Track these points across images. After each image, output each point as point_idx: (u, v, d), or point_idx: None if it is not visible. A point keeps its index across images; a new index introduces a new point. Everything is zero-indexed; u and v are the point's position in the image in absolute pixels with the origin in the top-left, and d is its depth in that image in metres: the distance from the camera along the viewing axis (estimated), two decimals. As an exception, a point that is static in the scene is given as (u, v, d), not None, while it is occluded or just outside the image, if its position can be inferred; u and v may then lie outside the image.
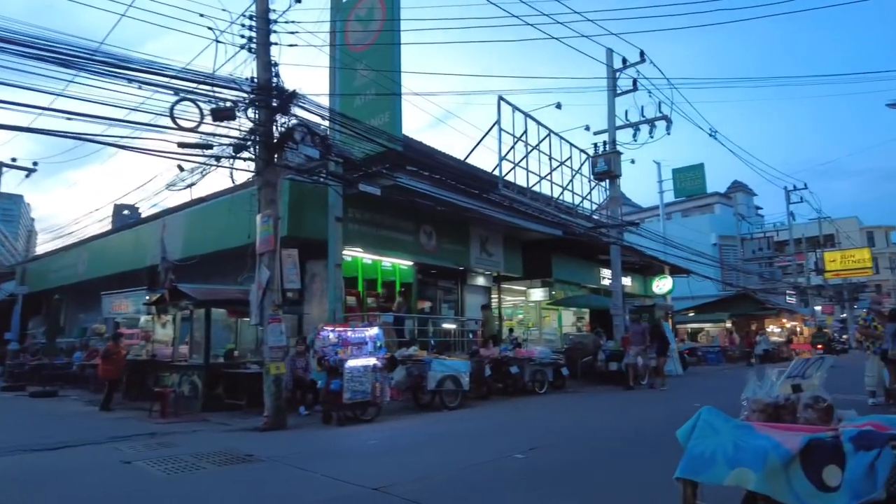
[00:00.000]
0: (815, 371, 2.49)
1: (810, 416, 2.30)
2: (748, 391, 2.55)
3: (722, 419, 2.32)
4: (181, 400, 11.02)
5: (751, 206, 53.32)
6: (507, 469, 5.42)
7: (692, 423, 2.38)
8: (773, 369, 2.62)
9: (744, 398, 2.53)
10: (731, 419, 2.32)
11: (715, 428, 2.29)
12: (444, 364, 10.84)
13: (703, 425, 2.31)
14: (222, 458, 6.35)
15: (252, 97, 9.14)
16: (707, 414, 2.35)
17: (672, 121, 18.14)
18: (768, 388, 2.51)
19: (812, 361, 2.52)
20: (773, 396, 2.47)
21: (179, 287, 11.07)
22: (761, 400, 2.48)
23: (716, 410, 2.38)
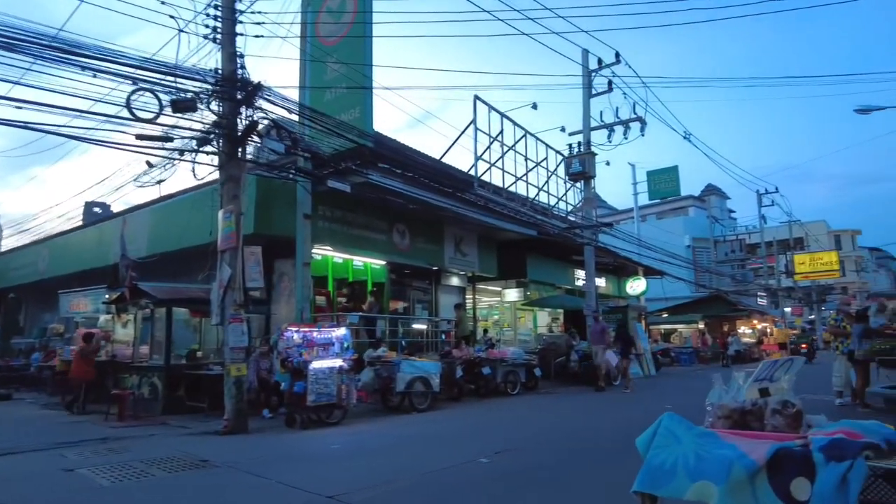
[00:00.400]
0: (784, 374, 2.31)
1: (778, 422, 2.14)
2: (713, 396, 2.37)
3: (684, 426, 2.13)
4: (141, 402, 10.61)
5: (724, 209, 54.20)
6: (471, 474, 5.22)
7: (652, 430, 2.18)
8: (739, 371, 2.44)
9: (708, 403, 2.35)
10: (693, 426, 2.14)
11: (676, 436, 2.10)
12: (414, 365, 10.61)
13: (664, 433, 2.12)
14: (174, 465, 6.04)
15: (215, 88, 8.80)
16: (668, 421, 2.16)
17: (646, 122, 18.18)
18: (734, 393, 2.33)
19: (780, 363, 2.34)
20: (739, 401, 2.30)
21: (140, 285, 10.64)
22: (727, 405, 2.31)
23: (677, 417, 2.20)
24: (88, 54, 7.46)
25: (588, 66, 18.45)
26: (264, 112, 9.32)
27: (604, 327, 15.27)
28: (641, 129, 18.15)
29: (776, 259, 39.45)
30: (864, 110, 22.41)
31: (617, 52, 17.96)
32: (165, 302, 10.54)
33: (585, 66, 18.44)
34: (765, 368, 2.33)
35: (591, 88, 18.44)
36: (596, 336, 15.07)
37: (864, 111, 22.41)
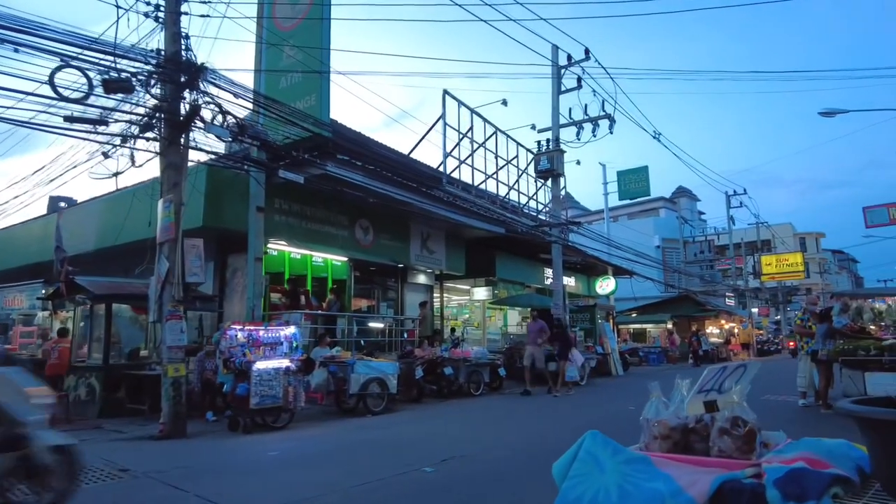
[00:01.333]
0: (735, 383, 1.91)
1: (726, 444, 1.74)
2: (649, 409, 1.95)
3: (610, 450, 1.71)
4: (78, 405, 9.95)
5: (694, 211, 54.79)
6: (408, 486, 4.79)
7: (571, 454, 1.73)
8: (683, 380, 2.03)
9: (644, 418, 1.95)
10: (622, 450, 1.73)
11: (599, 463, 1.67)
12: (369, 366, 10.14)
13: (585, 458, 1.69)
14: (91, 475, 5.48)
15: (154, 70, 8.20)
16: (591, 443, 1.73)
17: (615, 120, 17.97)
18: (676, 406, 1.93)
19: (731, 370, 1.93)
20: (681, 417, 1.90)
21: (76, 280, 9.95)
22: (665, 422, 1.86)
23: (602, 437, 1.77)
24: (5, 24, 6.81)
25: (557, 62, 18.18)
26: (210, 96, 8.74)
27: (541, 326, 14.07)
28: (610, 127, 17.94)
29: (744, 260, 39.93)
30: (828, 113, 22.62)
31: (586, 49, 17.72)
32: (104, 298, 9.89)
33: (555, 62, 18.16)
34: (711, 376, 1.92)
35: (560, 85, 18.18)
36: (531, 335, 14.11)
37: (828, 114, 22.62)
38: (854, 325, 9.41)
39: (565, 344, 13.90)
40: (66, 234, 15.01)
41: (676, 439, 1.82)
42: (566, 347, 13.83)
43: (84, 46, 7.61)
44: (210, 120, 8.76)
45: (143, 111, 8.71)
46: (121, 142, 9.01)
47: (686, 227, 38.85)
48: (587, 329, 20.97)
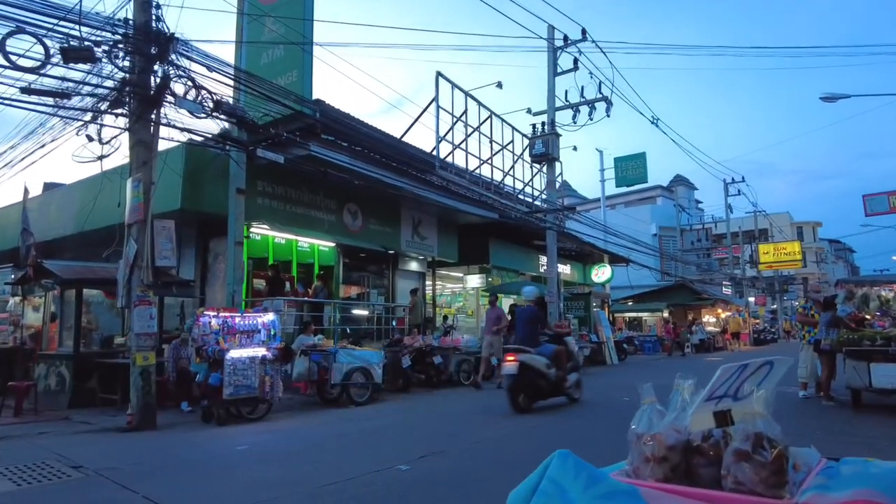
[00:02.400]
0: (757, 385, 1.40)
1: (746, 474, 1.24)
2: (640, 420, 1.48)
3: (583, 479, 1.21)
4: (48, 395, 9.53)
5: (692, 200, 54.33)
6: (380, 486, 4.37)
7: (533, 481, 1.27)
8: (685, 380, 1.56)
9: (632, 432, 1.46)
10: (599, 478, 1.23)
11: (567, 498, 1.19)
12: (352, 355, 9.73)
13: (549, 490, 1.21)
14: (37, 473, 5.06)
15: (119, 39, 7.68)
16: (559, 468, 1.24)
17: (612, 103, 17.46)
18: (676, 415, 1.47)
19: (752, 369, 1.41)
20: (682, 430, 1.41)
21: (44, 264, 9.48)
22: (661, 438, 1.38)
23: (574, 461, 1.26)
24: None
25: (553, 42, 17.63)
26: (182, 70, 8.23)
27: (499, 313, 12.66)
28: (607, 110, 17.43)
29: (741, 249, 39.56)
30: (830, 98, 22.14)
31: (583, 29, 17.17)
32: (72, 283, 9.42)
33: (551, 42, 17.61)
34: (727, 377, 1.40)
35: (556, 66, 17.64)
36: (489, 322, 12.53)
37: (830, 99, 22.14)
38: (857, 315, 9.03)
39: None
40: (48, 219, 14.59)
41: (675, 462, 1.34)
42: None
43: (41, 12, 7.08)
44: (183, 94, 8.25)
45: (111, 85, 8.22)
46: (90, 117, 8.54)
47: (683, 216, 38.42)
48: (581, 317, 20.62)
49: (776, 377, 1.45)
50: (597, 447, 5.37)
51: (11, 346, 10.95)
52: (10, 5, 6.84)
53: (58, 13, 7.48)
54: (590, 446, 5.60)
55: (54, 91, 7.49)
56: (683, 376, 1.53)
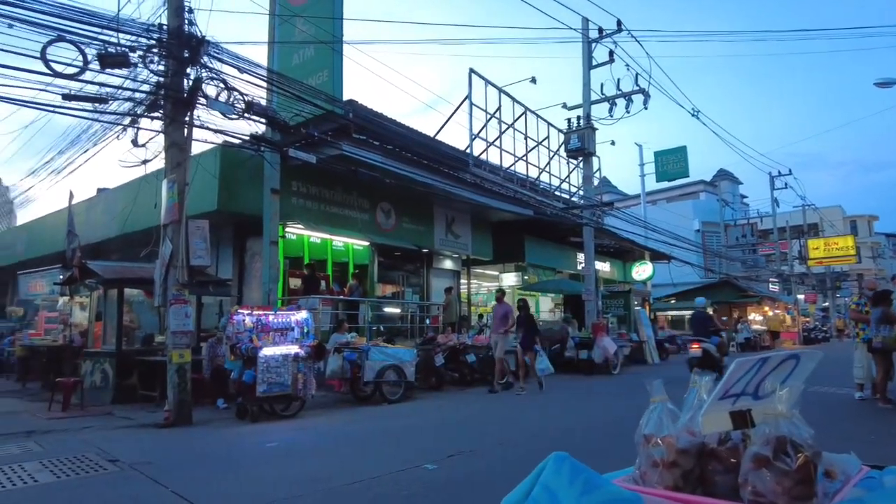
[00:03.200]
0: (780, 383, 1.23)
1: (767, 483, 1.09)
2: (648, 421, 1.34)
3: (579, 484, 1.07)
4: (94, 391, 9.85)
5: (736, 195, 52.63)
6: (403, 485, 4.31)
7: (526, 486, 1.16)
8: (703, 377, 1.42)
9: (640, 434, 1.32)
10: (598, 483, 1.09)
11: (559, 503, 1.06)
12: (385, 352, 9.71)
13: (541, 497, 1.10)
14: (77, 466, 5.21)
15: (153, 44, 7.85)
16: (553, 472, 1.11)
17: (650, 95, 17.00)
18: (690, 416, 1.33)
19: (774, 363, 1.25)
20: (694, 433, 1.27)
21: (88, 264, 9.80)
22: (672, 441, 1.24)
23: (571, 465, 1.11)
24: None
25: (588, 35, 17.29)
26: (214, 72, 8.36)
27: (506, 311, 11.69)
28: (645, 103, 16.99)
29: (789, 244, 38.05)
30: (885, 84, 21.03)
31: (619, 20, 16.78)
32: (114, 282, 9.70)
33: (585, 34, 17.27)
34: (742, 373, 1.23)
35: (591, 59, 17.30)
36: (496, 321, 11.69)
37: (885, 84, 21.03)
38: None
39: (531, 331, 11.41)
40: (94, 222, 15.14)
41: (687, 468, 1.21)
42: (531, 335, 11.35)
43: (80, 20, 7.30)
44: (215, 96, 8.39)
45: (147, 89, 8.42)
46: (128, 121, 8.78)
47: (727, 210, 37.14)
48: (621, 315, 20.15)
49: (803, 373, 1.29)
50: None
51: (61, 343, 11.38)
52: (50, 14, 7.06)
53: (97, 21, 7.71)
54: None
55: (93, 97, 7.71)
56: (700, 372, 1.40)
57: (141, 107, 8.60)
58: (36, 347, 12.36)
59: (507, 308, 11.89)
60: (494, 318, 11.84)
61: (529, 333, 11.35)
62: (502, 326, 11.42)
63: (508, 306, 12.04)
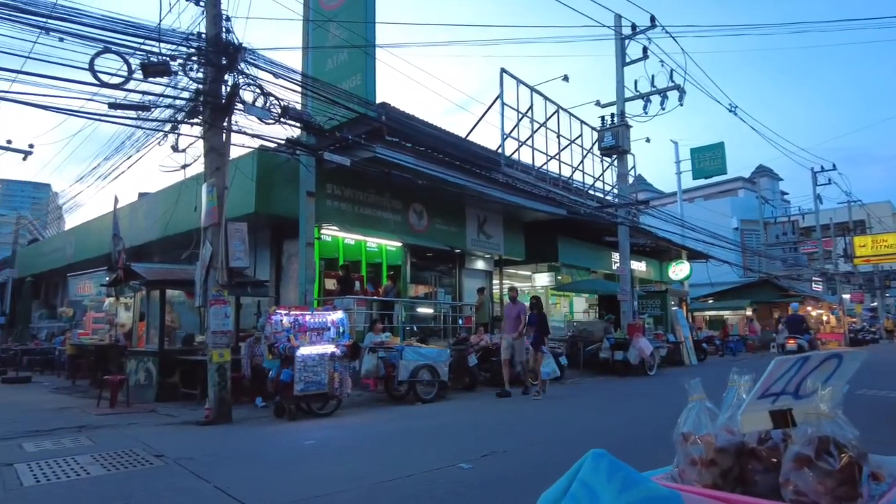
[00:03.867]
0: (822, 383, 1.21)
1: (809, 483, 1.08)
2: (687, 420, 1.34)
3: (618, 481, 1.07)
4: (138, 388, 10.19)
5: (776, 191, 51.19)
6: (439, 483, 4.35)
7: (564, 483, 1.16)
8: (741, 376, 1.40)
9: (678, 432, 1.34)
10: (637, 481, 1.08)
11: (597, 500, 1.07)
12: (418, 352, 9.79)
13: (579, 494, 1.10)
14: (122, 461, 5.41)
15: (192, 52, 8.09)
16: (591, 469, 1.11)
17: (685, 91, 16.71)
18: (730, 415, 1.31)
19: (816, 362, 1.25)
20: (735, 433, 1.27)
21: (132, 266, 10.16)
22: (710, 439, 1.23)
23: (609, 462, 1.11)
24: (44, 13, 6.83)
25: (621, 31, 17.07)
26: (250, 78, 8.57)
27: (520, 310, 10.96)
28: (680, 99, 16.70)
29: (833, 242, 36.77)
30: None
31: (652, 16, 16.54)
32: (156, 283, 10.02)
33: (618, 31, 17.06)
34: (783, 371, 1.21)
35: (624, 56, 17.07)
36: (509, 321, 11.04)
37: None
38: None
39: (541, 330, 10.68)
40: (137, 225, 15.67)
41: (726, 467, 1.20)
42: (541, 334, 10.64)
43: (124, 32, 7.58)
44: (252, 102, 8.60)
45: (186, 96, 8.68)
46: (169, 128, 9.06)
47: (767, 208, 36.14)
48: (657, 316, 19.82)
49: (846, 374, 1.27)
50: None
51: (107, 342, 11.81)
52: (98, 27, 7.35)
53: (140, 32, 7.99)
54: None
55: (137, 105, 7.99)
56: (740, 371, 1.39)
57: (181, 113, 8.87)
58: (85, 346, 12.89)
59: (521, 307, 11.09)
60: (507, 319, 11.15)
61: (540, 333, 10.59)
62: (515, 327, 10.76)
63: (522, 305, 11.20)
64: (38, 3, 6.88)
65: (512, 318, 10.97)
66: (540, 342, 10.48)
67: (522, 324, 10.67)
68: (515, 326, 10.76)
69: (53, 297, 23.92)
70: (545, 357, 10.41)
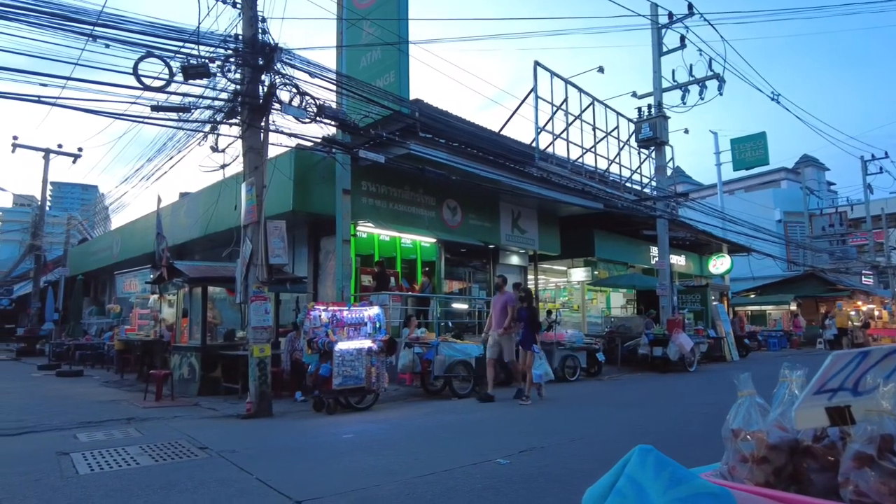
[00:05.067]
0: (883, 379, 1.15)
1: (871, 483, 1.02)
2: (736, 416, 1.30)
3: (665, 478, 1.05)
4: (182, 382, 10.51)
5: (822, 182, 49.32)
6: (477, 479, 4.36)
7: (610, 478, 1.15)
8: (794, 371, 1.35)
9: (727, 428, 1.28)
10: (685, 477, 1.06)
11: (645, 497, 1.05)
12: (454, 348, 9.82)
13: (626, 489, 1.08)
14: (169, 452, 5.60)
15: (229, 54, 8.26)
16: (638, 464, 1.09)
17: (725, 80, 16.25)
18: (782, 411, 1.27)
19: (875, 357, 1.16)
20: (788, 429, 1.21)
21: (175, 264, 10.46)
22: (762, 436, 1.18)
23: (656, 457, 1.10)
24: (91, 21, 7.07)
25: (657, 20, 16.70)
26: (286, 77, 8.71)
27: (506, 301, 9.52)
28: (719, 88, 16.26)
29: (885, 233, 35.26)
30: None
31: (690, 3, 16.14)
32: (198, 280, 10.30)
33: (654, 20, 16.70)
34: (841, 366, 1.15)
35: (661, 45, 16.72)
36: (495, 314, 9.65)
37: None
38: None
39: (531, 326, 9.33)
40: (179, 224, 16.13)
41: (779, 465, 1.15)
42: (531, 331, 9.30)
43: (165, 36, 7.79)
44: (288, 101, 8.73)
45: (225, 97, 8.88)
46: (209, 128, 9.28)
47: (812, 199, 34.86)
48: (697, 311, 19.39)
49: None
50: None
51: (152, 338, 12.20)
52: (141, 33, 7.58)
53: (180, 36, 8.20)
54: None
55: (178, 106, 8.21)
56: (791, 366, 1.35)
57: (220, 114, 9.08)
58: (131, 341, 13.36)
59: (508, 297, 9.60)
60: (493, 312, 9.76)
61: (530, 329, 9.27)
62: (502, 323, 9.43)
63: (510, 295, 9.71)
64: (86, 12, 7.12)
65: (497, 309, 9.58)
66: (530, 340, 9.22)
67: (510, 316, 9.35)
68: (502, 320, 9.45)
69: (102, 294, 24.86)
70: (536, 357, 9.21)
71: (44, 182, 22.54)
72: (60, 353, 17.88)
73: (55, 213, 40.36)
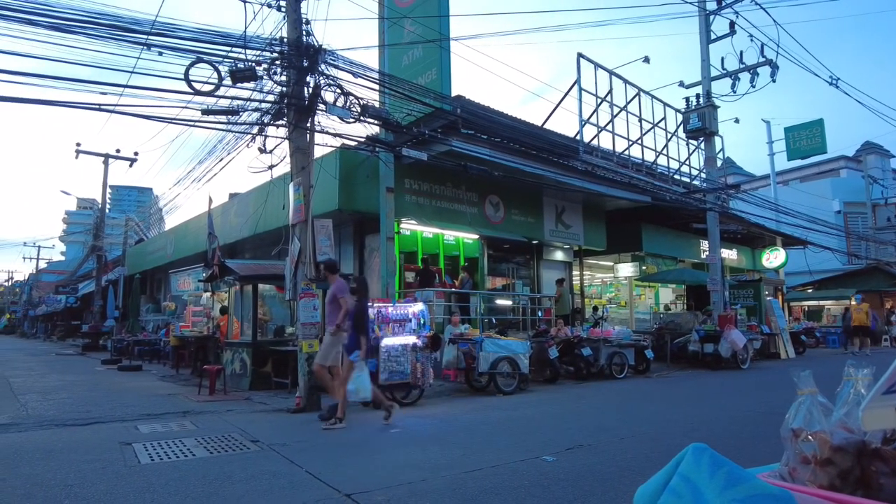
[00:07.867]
0: None
1: None
2: (796, 414, 1.25)
3: (721, 477, 1.02)
4: (234, 377, 10.84)
5: (886, 170, 46.74)
6: (523, 475, 4.34)
7: (663, 476, 1.14)
8: (859, 369, 1.29)
9: (787, 428, 1.23)
10: (742, 477, 1.03)
11: (700, 497, 1.03)
12: (498, 344, 9.79)
13: (680, 488, 1.07)
14: (223, 444, 5.80)
15: (275, 56, 8.45)
16: (692, 463, 1.07)
17: (778, 66, 15.59)
18: (847, 411, 1.21)
19: None
20: (852, 430, 1.16)
21: (226, 263, 10.80)
22: (825, 437, 1.14)
23: (711, 456, 1.08)
24: (145, 30, 7.36)
25: (705, 6, 16.18)
26: (330, 78, 8.85)
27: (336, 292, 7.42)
28: (772, 75, 15.62)
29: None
30: None
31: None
32: (249, 278, 10.60)
33: (702, 7, 16.18)
34: None
35: (709, 32, 16.18)
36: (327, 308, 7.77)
37: None
38: None
39: (356, 327, 7.13)
40: (229, 224, 16.64)
41: (845, 467, 1.11)
42: (357, 334, 7.09)
43: (213, 41, 8.04)
44: (333, 102, 8.88)
45: (271, 99, 9.09)
46: (256, 130, 9.53)
47: (876, 188, 33.11)
48: (750, 307, 18.75)
49: None
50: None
51: (205, 334, 12.64)
52: (191, 39, 7.84)
53: (227, 41, 8.44)
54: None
55: (227, 110, 8.46)
56: (857, 364, 1.29)
57: (267, 116, 9.31)
58: (186, 338, 13.88)
59: (339, 286, 7.45)
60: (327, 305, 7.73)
61: (356, 331, 7.12)
62: (333, 326, 7.35)
63: (341, 283, 7.54)
64: (141, 22, 7.42)
65: (327, 303, 7.60)
66: (353, 346, 7.10)
67: (343, 311, 7.25)
68: (333, 317, 7.37)
69: (158, 292, 25.92)
70: (356, 368, 6.93)
71: (104, 185, 23.65)
72: (121, 348, 18.76)
73: (114, 214, 42.33)
